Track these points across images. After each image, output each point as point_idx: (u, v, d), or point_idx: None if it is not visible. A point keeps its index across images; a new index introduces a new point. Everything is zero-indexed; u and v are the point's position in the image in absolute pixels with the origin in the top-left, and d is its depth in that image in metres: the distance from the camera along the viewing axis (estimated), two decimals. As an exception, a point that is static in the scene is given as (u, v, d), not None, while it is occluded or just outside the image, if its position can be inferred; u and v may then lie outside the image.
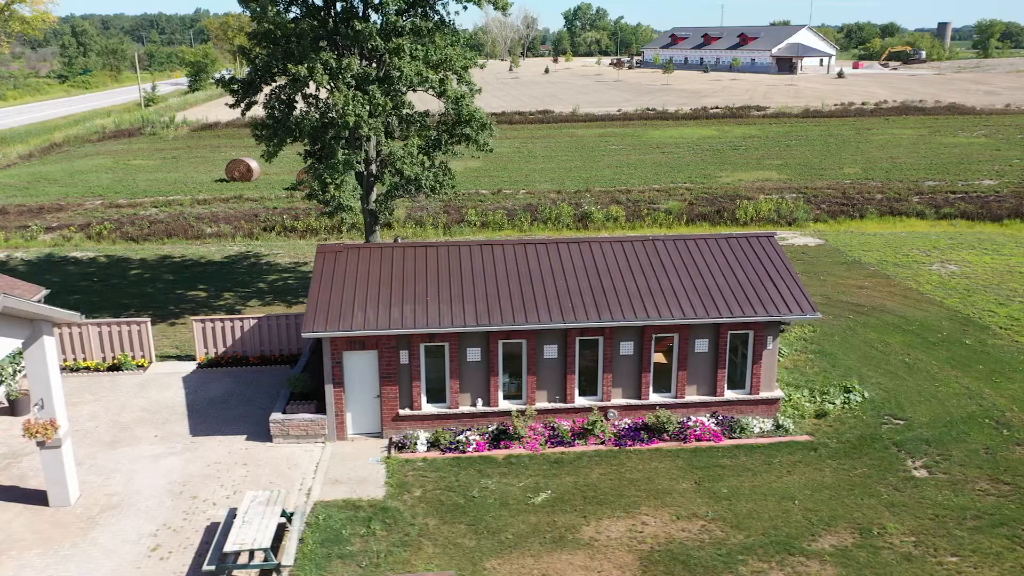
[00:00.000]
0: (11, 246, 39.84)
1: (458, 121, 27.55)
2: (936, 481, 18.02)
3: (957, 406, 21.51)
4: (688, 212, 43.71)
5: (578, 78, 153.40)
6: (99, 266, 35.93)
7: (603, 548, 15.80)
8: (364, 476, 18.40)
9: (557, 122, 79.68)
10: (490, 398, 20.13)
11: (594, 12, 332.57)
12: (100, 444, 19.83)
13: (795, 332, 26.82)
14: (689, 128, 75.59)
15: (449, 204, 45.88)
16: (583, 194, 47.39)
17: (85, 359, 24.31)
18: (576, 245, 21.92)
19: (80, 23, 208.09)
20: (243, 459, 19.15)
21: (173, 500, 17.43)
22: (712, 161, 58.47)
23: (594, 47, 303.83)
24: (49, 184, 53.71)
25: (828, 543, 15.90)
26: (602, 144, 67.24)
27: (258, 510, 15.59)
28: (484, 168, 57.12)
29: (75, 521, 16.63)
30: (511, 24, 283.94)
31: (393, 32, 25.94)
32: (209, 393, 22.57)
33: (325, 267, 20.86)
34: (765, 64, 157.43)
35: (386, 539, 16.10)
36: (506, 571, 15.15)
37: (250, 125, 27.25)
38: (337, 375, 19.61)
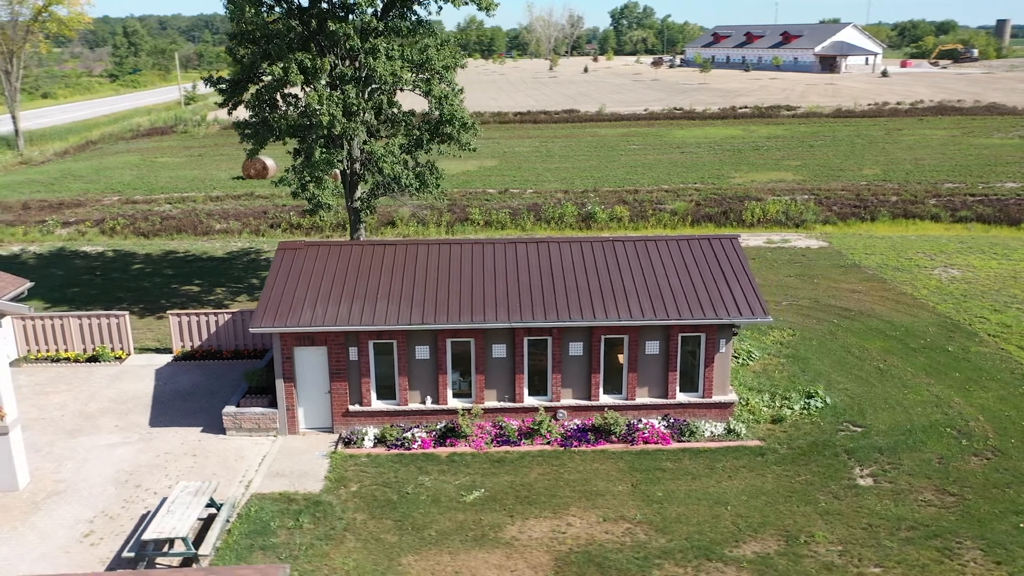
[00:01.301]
0: (28, 240, 41.20)
1: (440, 121, 27.73)
2: (879, 490, 17.65)
3: (921, 414, 21.01)
4: (694, 213, 43.27)
5: (616, 77, 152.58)
6: (105, 260, 36.97)
7: (522, 548, 15.84)
8: (306, 470, 18.70)
9: (582, 121, 79.43)
10: (439, 396, 20.28)
11: (641, 10, 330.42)
12: (62, 432, 20.47)
13: (771, 335, 26.45)
14: (715, 128, 74.73)
15: (454, 203, 46.11)
16: (590, 194, 47.19)
17: (67, 350, 25.07)
18: (534, 245, 21.93)
19: (132, 23, 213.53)
20: (194, 450, 19.60)
21: (117, 488, 17.94)
22: (730, 161, 57.76)
23: (640, 46, 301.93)
24: (75, 180, 55.38)
25: (751, 550, 15.71)
26: (623, 144, 66.87)
27: (185, 500, 15.97)
28: (498, 167, 57.27)
29: (19, 506, 17.22)
30: (555, 23, 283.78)
31: (370, 33, 26.24)
32: (177, 385, 23.12)
33: (283, 264, 21.23)
34: (808, 63, 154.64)
35: (312, 532, 16.36)
36: (420, 568, 15.28)
37: (235, 124, 27.79)
38: (287, 370, 19.95)
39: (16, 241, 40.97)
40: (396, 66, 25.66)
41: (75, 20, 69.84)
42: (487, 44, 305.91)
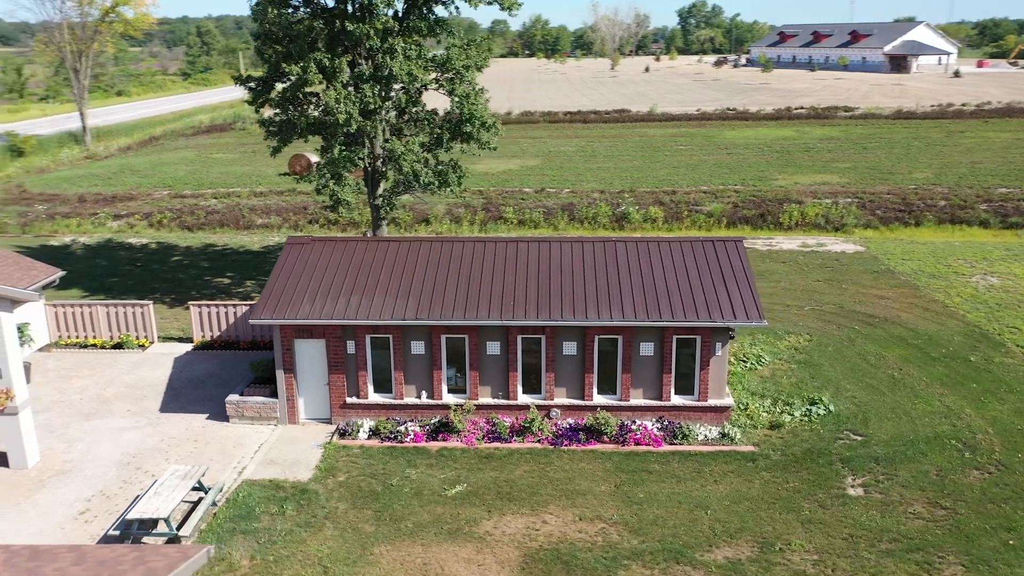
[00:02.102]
0: (79, 231, 43.03)
1: (461, 120, 28.04)
2: (868, 500, 17.26)
3: (927, 425, 20.43)
4: (730, 215, 42.68)
5: (677, 77, 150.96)
6: (147, 252, 38.39)
7: (494, 543, 16.00)
8: (299, 459, 19.20)
9: (632, 121, 78.92)
10: (434, 391, 20.57)
11: (709, 9, 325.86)
12: (78, 415, 21.44)
13: (786, 340, 26.00)
14: (767, 129, 73.37)
15: (489, 201, 46.41)
16: (625, 194, 46.93)
17: (94, 337, 26.19)
18: (534, 244, 22.04)
19: (206, 24, 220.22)
20: (196, 436, 20.31)
21: (118, 470, 18.73)
22: (776, 163, 56.70)
23: (707, 45, 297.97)
24: (131, 175, 57.52)
25: (723, 555, 15.56)
26: (670, 144, 66.23)
27: (172, 483, 16.61)
28: (540, 166, 57.39)
29: (26, 483, 18.14)
30: (620, 22, 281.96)
31: (389, 33, 26.69)
32: (192, 374, 23.95)
33: (289, 258, 21.80)
34: (876, 63, 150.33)
35: (293, 519, 16.82)
36: (391, 557, 15.58)
37: (260, 122, 28.59)
38: (287, 361, 20.50)
39: (69, 232, 42.83)
40: (412, 66, 26.07)
41: (140, 20, 72.49)
42: (552, 43, 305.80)
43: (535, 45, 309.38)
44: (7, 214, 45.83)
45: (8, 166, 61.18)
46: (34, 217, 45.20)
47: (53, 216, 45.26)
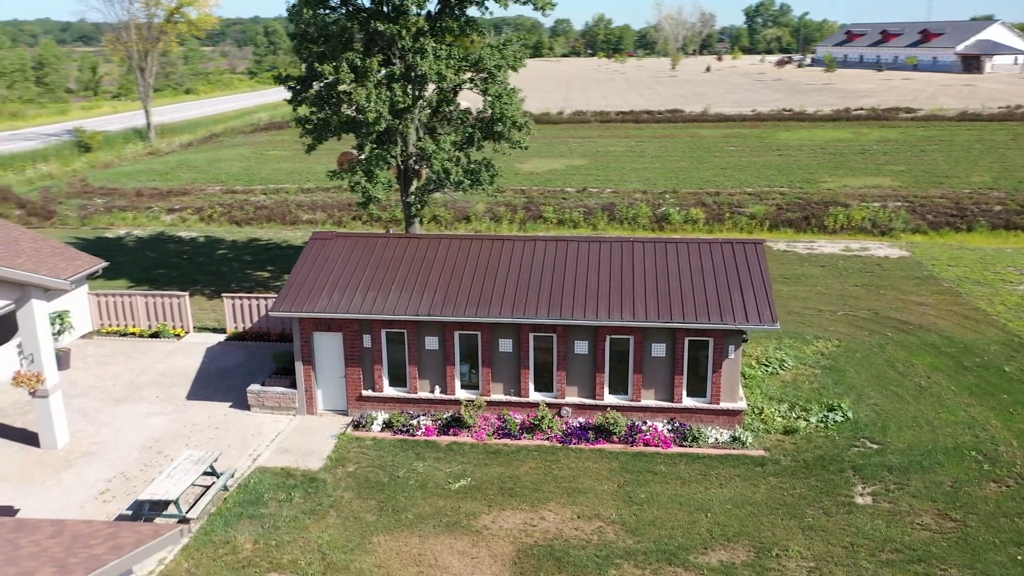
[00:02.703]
0: (134, 224, 44.68)
1: (492, 119, 28.31)
2: (875, 510, 16.94)
3: (948, 435, 19.91)
4: (773, 217, 42.05)
5: (738, 77, 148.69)
6: (195, 245, 39.67)
7: (490, 537, 16.21)
8: (312, 449, 19.71)
9: (685, 122, 78.10)
10: (447, 386, 20.87)
11: (776, 8, 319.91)
12: (110, 400, 22.37)
13: (813, 346, 25.56)
14: (823, 130, 71.81)
15: (530, 200, 46.58)
16: (667, 195, 46.58)
17: (134, 325, 27.24)
18: (552, 243, 22.17)
19: (274, 24, 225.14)
20: (218, 423, 21.01)
21: (140, 453, 19.52)
22: (828, 165, 55.52)
23: (774, 45, 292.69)
24: (188, 170, 59.37)
25: (717, 558, 15.48)
26: (721, 145, 65.38)
27: (185, 467, 17.26)
28: (586, 166, 57.30)
29: (54, 463, 19.04)
30: (684, 21, 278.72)
31: (422, 33, 27.10)
32: (221, 363, 24.73)
33: (312, 252, 22.36)
34: (948, 63, 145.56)
35: (299, 506, 17.30)
36: (388, 547, 15.92)
37: (296, 121, 29.31)
38: (306, 353, 21.05)
39: (124, 225, 44.51)
40: (442, 66, 26.41)
41: (203, 21, 74.71)
42: (614, 43, 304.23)
43: (598, 45, 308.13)
44: (69, 207, 47.82)
45: (75, 161, 63.77)
46: (93, 210, 47.09)
47: (111, 209, 47.07)
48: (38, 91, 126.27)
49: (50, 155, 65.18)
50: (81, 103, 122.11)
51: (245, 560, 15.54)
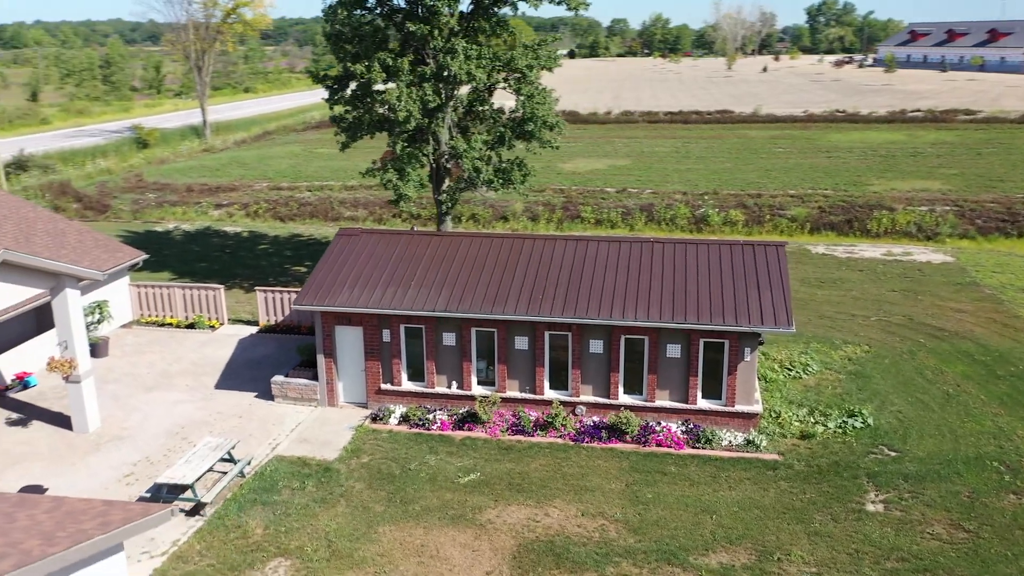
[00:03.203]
0: (183, 219, 46.02)
1: (523, 119, 28.54)
2: (885, 517, 16.67)
3: (971, 444, 19.45)
4: (815, 220, 41.35)
5: (795, 77, 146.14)
6: (239, 240, 40.71)
7: (493, 531, 16.42)
8: (329, 440, 20.17)
9: (735, 122, 77.14)
10: (463, 382, 21.14)
11: (840, 7, 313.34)
12: (142, 388, 23.20)
13: (842, 351, 25.16)
14: (876, 132, 70.24)
15: (569, 200, 46.63)
16: (706, 196, 46.17)
17: (171, 316, 28.15)
18: (572, 242, 22.27)
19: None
20: (242, 412, 21.64)
21: (166, 439, 20.23)
22: (877, 168, 54.34)
23: (836, 44, 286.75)
24: (238, 167, 60.87)
25: (717, 560, 15.44)
26: (768, 146, 64.46)
27: (203, 453, 17.85)
28: (629, 167, 57.09)
29: (84, 446, 19.86)
30: (743, 21, 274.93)
31: (455, 33, 27.45)
32: (251, 355, 25.42)
33: (337, 248, 22.86)
34: (1016, 63, 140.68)
35: (311, 495, 17.75)
36: (392, 537, 16.25)
37: (331, 119, 29.91)
38: (328, 346, 21.54)
39: (173, 219, 45.88)
40: (472, 65, 26.69)
41: (258, 21, 76.50)
42: (672, 43, 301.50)
43: (655, 44, 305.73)
44: (123, 201, 49.48)
45: (132, 156, 65.90)
46: (145, 204, 48.64)
47: (162, 204, 48.57)
48: (104, 89, 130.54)
49: (109, 151, 67.48)
50: (144, 101, 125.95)
51: (254, 544, 16.03)
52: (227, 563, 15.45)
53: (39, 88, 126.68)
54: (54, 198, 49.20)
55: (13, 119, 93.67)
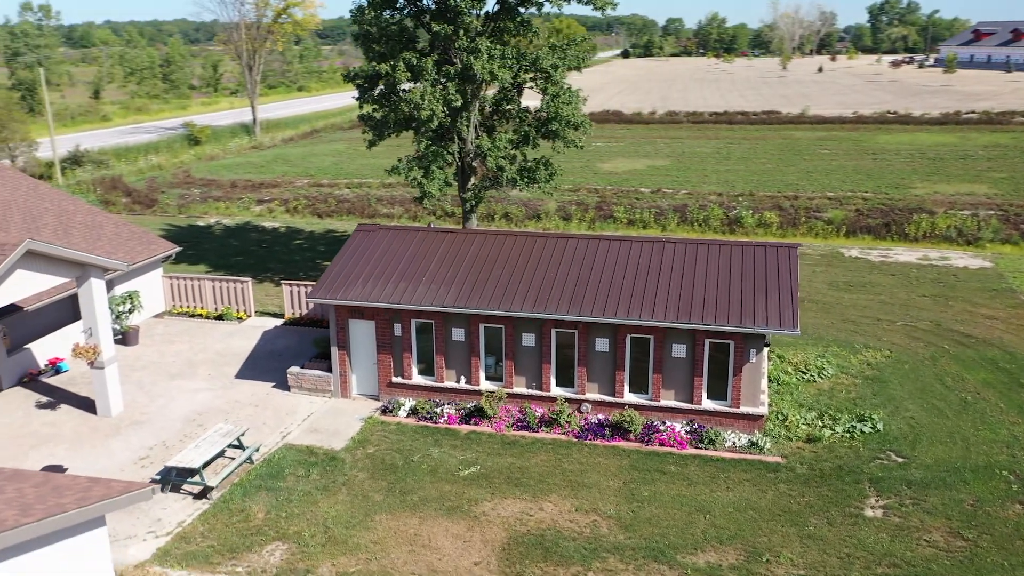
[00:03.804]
0: (225, 214, 47.30)
1: (548, 118, 28.74)
2: (882, 523, 16.49)
3: (983, 453, 19.07)
4: (852, 223, 40.67)
5: (850, 77, 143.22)
6: (276, 235, 41.72)
7: (486, 523, 16.69)
8: (339, 430, 20.68)
9: (781, 123, 76.07)
10: (472, 377, 21.45)
11: (903, 6, 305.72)
12: (166, 375, 24.05)
13: (861, 355, 24.80)
14: (927, 134, 68.56)
15: (603, 200, 46.64)
16: (740, 197, 45.73)
17: (201, 307, 29.06)
18: (584, 241, 22.40)
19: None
20: (258, 401, 22.29)
21: (183, 424, 20.97)
22: (923, 170, 53.10)
23: (899, 44, 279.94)
24: (283, 164, 62.21)
25: (705, 559, 15.47)
26: (813, 148, 63.44)
27: (213, 439, 18.48)
28: (668, 167, 56.80)
29: (105, 429, 20.70)
30: (801, 20, 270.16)
31: (480, 34, 27.77)
32: (273, 346, 26.12)
33: (354, 243, 23.38)
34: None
35: (315, 482, 18.25)
36: (387, 526, 16.64)
37: (359, 117, 30.51)
38: (341, 339, 22.06)
39: (216, 214, 47.18)
40: (494, 65, 26.97)
41: (308, 21, 78.01)
42: (728, 42, 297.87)
43: (710, 44, 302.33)
44: (170, 196, 51.03)
45: (183, 153, 67.84)
46: (191, 199, 50.10)
47: (206, 199, 49.96)
48: (164, 87, 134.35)
49: (162, 148, 69.57)
50: (201, 99, 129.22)
51: (255, 528, 16.57)
52: (227, 545, 16.01)
53: (102, 86, 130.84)
54: (105, 192, 51.00)
55: (75, 116, 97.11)
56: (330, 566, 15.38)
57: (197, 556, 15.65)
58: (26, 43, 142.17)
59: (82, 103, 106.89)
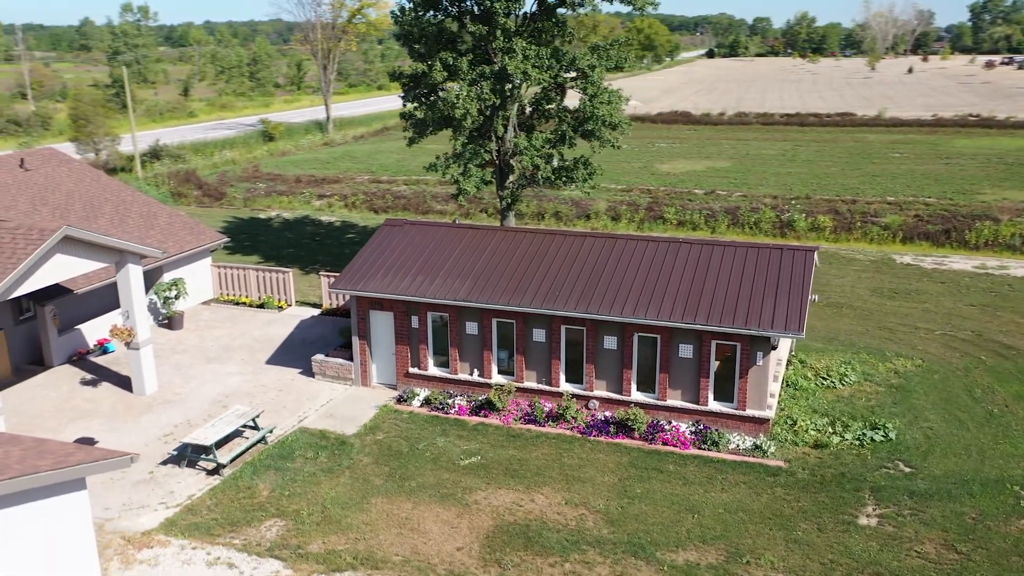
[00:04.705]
0: (286, 207, 49.03)
1: (585, 118, 28.99)
2: (875, 532, 16.23)
3: (998, 466, 18.50)
4: (910, 229, 39.46)
5: (940, 79, 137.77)
6: (330, 229, 43.07)
7: (476, 511, 17.13)
8: (353, 416, 21.45)
9: (855, 126, 73.94)
10: (484, 370, 21.93)
11: (1008, 3, 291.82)
12: (203, 359, 25.31)
13: (891, 363, 24.23)
14: (1009, 139, 65.55)
15: (655, 201, 46.43)
16: (793, 200, 44.84)
17: (246, 296, 30.39)
18: (602, 240, 22.60)
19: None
20: (283, 386, 23.28)
21: (209, 405, 22.09)
22: (996, 177, 50.95)
23: (1002, 44, 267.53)
24: (348, 160, 63.93)
25: (684, 557, 15.55)
26: (884, 151, 61.54)
27: (229, 419, 19.48)
28: (728, 168, 56.06)
29: (139, 407, 22.00)
30: (895, 19, 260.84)
31: (518, 34, 28.21)
32: (306, 334, 27.16)
33: (380, 237, 24.15)
34: None
35: (321, 464, 19.03)
36: (380, 509, 17.26)
37: (401, 115, 31.34)
38: (362, 329, 22.84)
39: (278, 208, 48.96)
40: (528, 65, 27.35)
41: (380, 21, 79.78)
42: (817, 42, 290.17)
43: (799, 44, 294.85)
44: (237, 189, 53.16)
45: (257, 148, 70.43)
46: (256, 193, 52.09)
47: (270, 193, 51.85)
48: (250, 85, 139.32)
49: (238, 143, 72.37)
50: (284, 97, 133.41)
51: (257, 504, 17.44)
52: (229, 518, 16.91)
53: (191, 84, 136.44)
54: (178, 185, 53.47)
55: (163, 112, 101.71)
56: (321, 543, 16.08)
57: (200, 527, 16.59)
58: (125, 42, 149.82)
59: (170, 100, 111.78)
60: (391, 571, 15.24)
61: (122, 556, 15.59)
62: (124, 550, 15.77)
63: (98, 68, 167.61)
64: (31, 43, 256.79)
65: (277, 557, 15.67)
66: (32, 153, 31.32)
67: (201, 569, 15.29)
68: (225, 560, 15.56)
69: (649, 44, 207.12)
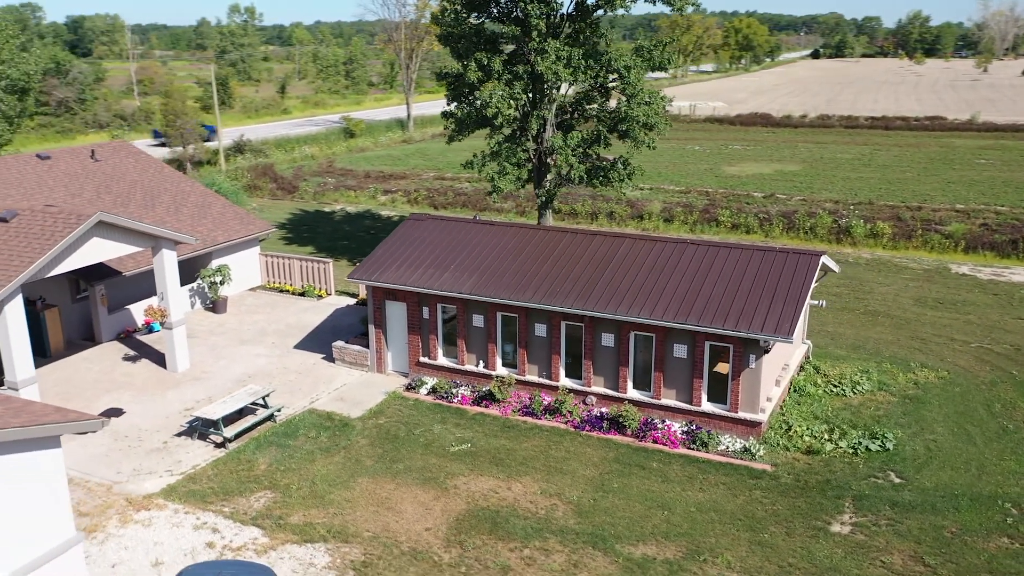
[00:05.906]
0: (352, 202, 50.82)
1: (620, 118, 29.25)
2: (843, 539, 16.06)
3: (994, 483, 17.91)
4: (974, 238, 37.87)
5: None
6: (387, 223, 44.47)
7: (454, 495, 17.78)
8: (362, 401, 22.43)
9: (944, 130, 70.82)
10: (489, 362, 22.55)
11: None
12: (237, 341, 26.83)
13: (914, 374, 23.60)
14: (1114, 146, 61.67)
15: (712, 203, 45.93)
16: (851, 205, 43.55)
17: (290, 284, 31.91)
18: (610, 239, 22.87)
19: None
20: (304, 369, 24.50)
21: (232, 384, 23.48)
22: (1086, 185, 48.14)
23: None
24: (419, 157, 65.46)
25: (642, 551, 15.79)
26: (970, 157, 58.84)
27: (240, 397, 20.75)
28: (796, 172, 54.80)
29: (169, 382, 23.60)
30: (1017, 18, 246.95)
31: (554, 36, 28.69)
32: (337, 322, 28.38)
33: (402, 231, 25.08)
34: None
35: (321, 444, 20.05)
36: (363, 488, 18.12)
37: (442, 114, 32.27)
38: (377, 318, 23.81)
39: (344, 201, 50.79)
40: (559, 66, 27.79)
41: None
42: (930, 42, 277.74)
43: (911, 44, 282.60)
44: (309, 183, 55.33)
45: (336, 145, 72.96)
46: (326, 187, 54.13)
47: (339, 188, 53.80)
48: (345, 84, 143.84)
49: (319, 139, 75.09)
50: (376, 95, 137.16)
51: (253, 477, 18.58)
52: (224, 488, 18.09)
53: (288, 82, 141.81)
54: (255, 178, 56.09)
55: (259, 108, 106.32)
56: (301, 516, 17.05)
57: (196, 494, 17.83)
58: (232, 42, 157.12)
59: (267, 97, 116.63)
60: (358, 545, 16.06)
61: (121, 515, 16.96)
62: (124, 510, 17.14)
63: (208, 66, 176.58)
64: (153, 42, 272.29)
65: (258, 526, 16.73)
66: (104, 145, 33.70)
67: (187, 532, 16.49)
68: (211, 525, 16.72)
69: (747, 44, 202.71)
